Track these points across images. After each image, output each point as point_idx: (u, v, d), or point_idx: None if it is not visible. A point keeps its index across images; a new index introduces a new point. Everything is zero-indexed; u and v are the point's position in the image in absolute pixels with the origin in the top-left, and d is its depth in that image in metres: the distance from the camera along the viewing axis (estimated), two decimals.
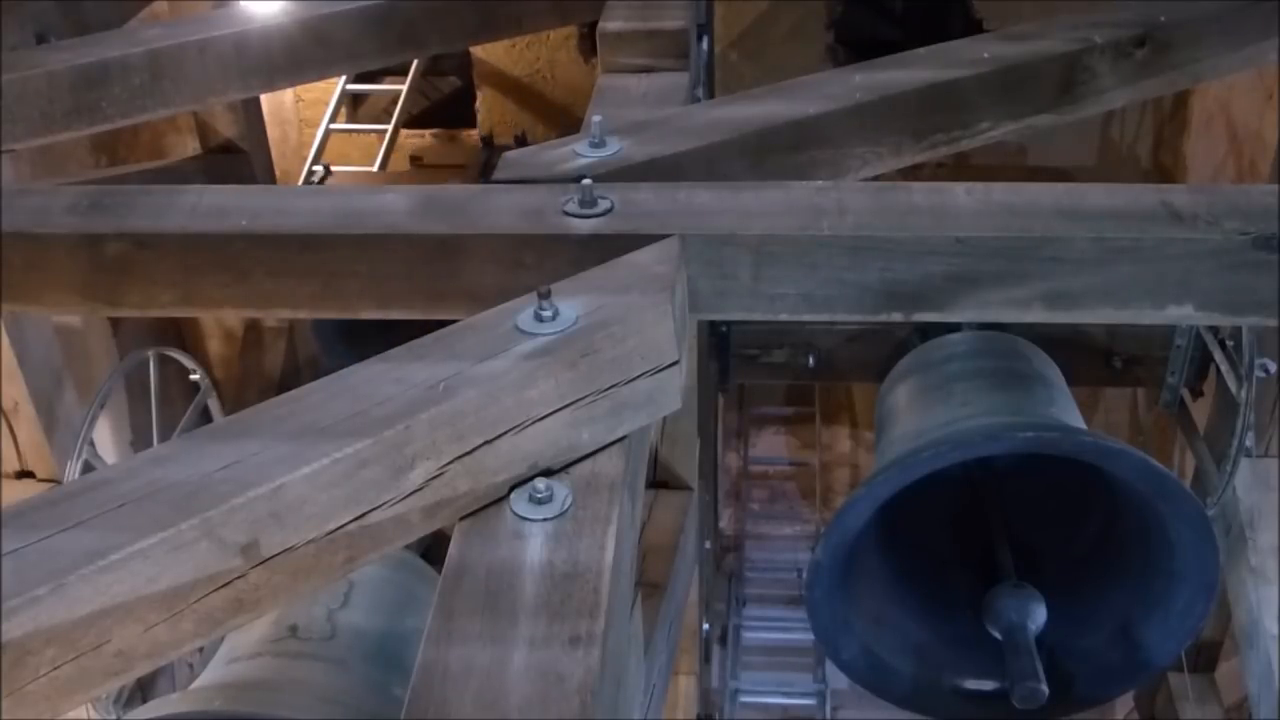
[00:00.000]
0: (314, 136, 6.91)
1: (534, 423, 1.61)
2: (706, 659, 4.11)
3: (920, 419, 3.10)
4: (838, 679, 6.47)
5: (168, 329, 5.27)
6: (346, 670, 2.51)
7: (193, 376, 3.62)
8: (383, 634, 2.64)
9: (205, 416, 3.74)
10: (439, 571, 1.53)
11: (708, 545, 3.82)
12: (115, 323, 4.37)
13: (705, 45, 3.07)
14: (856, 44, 6.61)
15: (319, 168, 6.22)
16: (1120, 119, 6.72)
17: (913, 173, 3.08)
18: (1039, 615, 2.72)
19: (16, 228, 2.04)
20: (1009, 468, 3.03)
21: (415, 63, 7.25)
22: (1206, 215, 1.89)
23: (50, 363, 3.25)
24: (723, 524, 7.35)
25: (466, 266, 1.94)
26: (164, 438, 3.52)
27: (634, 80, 2.65)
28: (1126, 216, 1.91)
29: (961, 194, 1.98)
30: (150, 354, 3.36)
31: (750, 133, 2.26)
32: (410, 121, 7.82)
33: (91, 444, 3.14)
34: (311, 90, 7.48)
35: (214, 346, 5.81)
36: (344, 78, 7.00)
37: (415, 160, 7.70)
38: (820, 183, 2.13)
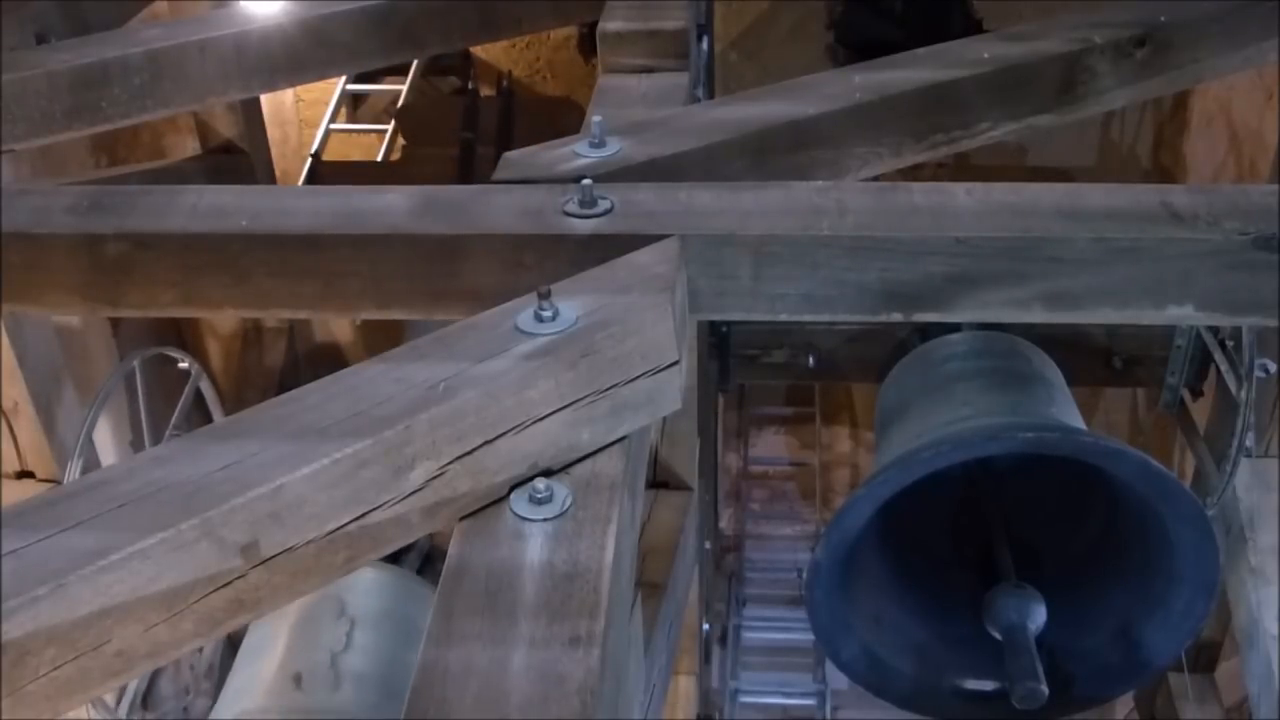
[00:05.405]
0: (314, 136, 6.92)
1: (534, 423, 1.61)
2: (706, 659, 4.11)
3: (920, 419, 3.09)
4: (838, 679, 6.46)
5: (168, 329, 5.27)
6: (349, 707, 2.47)
7: (181, 364, 3.64)
8: (388, 672, 2.61)
9: (201, 403, 3.76)
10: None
11: (708, 545, 3.81)
12: (115, 323, 4.37)
13: (705, 45, 3.07)
14: (856, 44, 6.60)
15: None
16: (1120, 119, 6.71)
17: (913, 173, 3.08)
18: (1039, 615, 2.72)
19: (16, 228, 2.04)
20: (1009, 468, 3.03)
21: (415, 63, 7.26)
22: (1206, 215, 1.89)
23: (50, 363, 3.25)
24: (723, 524, 7.35)
25: (466, 266, 1.94)
26: (160, 436, 3.53)
27: (634, 80, 2.65)
28: (1126, 216, 1.91)
29: (961, 194, 1.98)
30: (135, 363, 3.36)
31: (750, 133, 2.26)
32: None
33: (93, 443, 3.15)
34: (311, 90, 7.49)
35: (214, 346, 5.81)
36: (344, 78, 7.01)
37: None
38: (820, 183, 2.13)
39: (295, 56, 2.98)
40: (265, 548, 1.44)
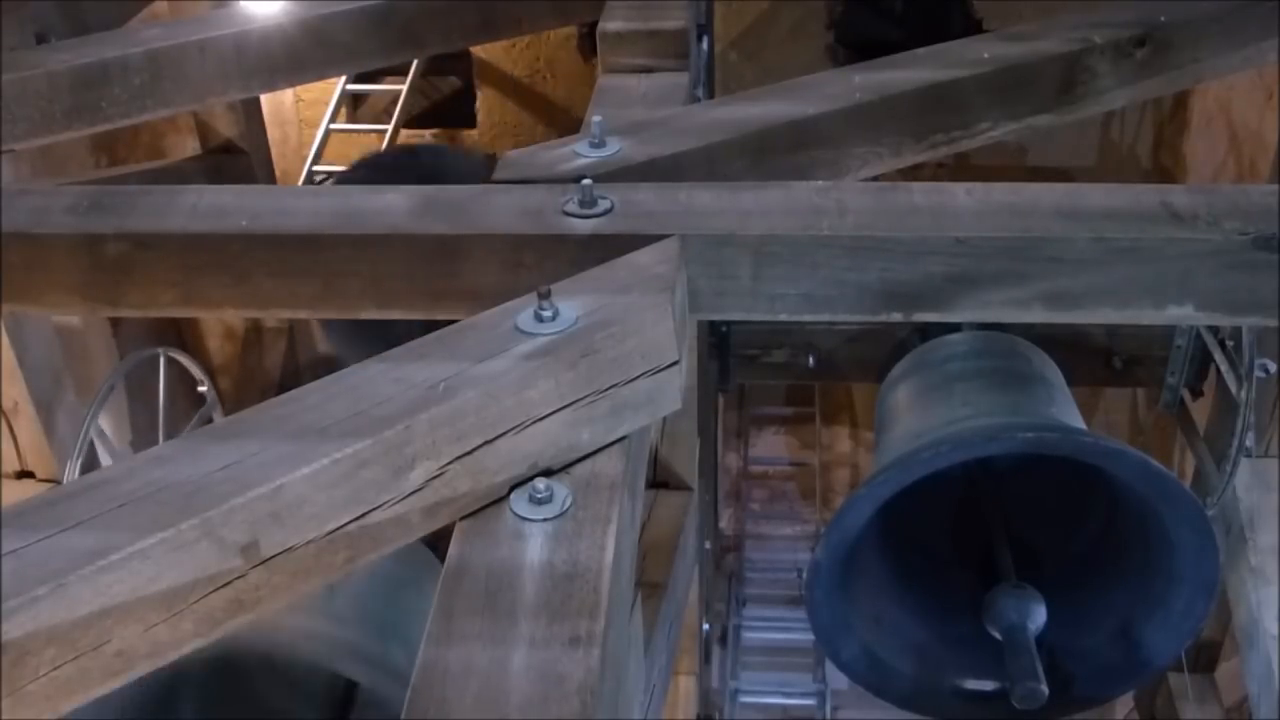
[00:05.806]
0: (314, 136, 6.92)
1: (534, 423, 1.61)
2: (706, 659, 4.11)
3: (920, 419, 3.09)
4: (838, 679, 6.47)
5: (167, 329, 5.27)
6: (346, 626, 2.55)
7: (200, 388, 3.64)
8: (382, 606, 2.69)
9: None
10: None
11: (708, 545, 3.81)
12: (115, 323, 4.38)
13: (705, 45, 3.07)
14: (856, 44, 6.61)
15: (321, 170, 6.22)
16: (1120, 119, 6.72)
17: (913, 173, 3.08)
18: (1039, 615, 2.72)
19: (16, 228, 2.04)
20: (1009, 468, 3.03)
21: (415, 63, 7.26)
22: (1206, 215, 1.89)
23: (50, 363, 3.25)
24: (723, 524, 7.35)
25: (466, 266, 1.94)
26: (167, 438, 3.53)
27: (634, 80, 2.65)
28: (1126, 216, 1.91)
29: (961, 194, 1.98)
30: (160, 353, 3.37)
31: (750, 133, 2.26)
32: (410, 121, 7.83)
33: (93, 442, 3.15)
34: (311, 90, 7.49)
35: (214, 346, 5.81)
36: (344, 78, 7.01)
37: None
38: (820, 183, 2.13)
39: (295, 56, 2.98)
40: (265, 548, 1.44)
